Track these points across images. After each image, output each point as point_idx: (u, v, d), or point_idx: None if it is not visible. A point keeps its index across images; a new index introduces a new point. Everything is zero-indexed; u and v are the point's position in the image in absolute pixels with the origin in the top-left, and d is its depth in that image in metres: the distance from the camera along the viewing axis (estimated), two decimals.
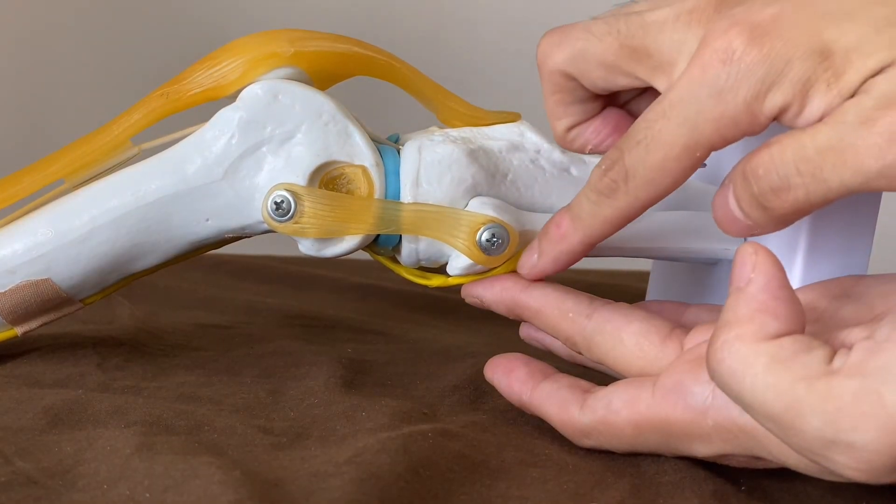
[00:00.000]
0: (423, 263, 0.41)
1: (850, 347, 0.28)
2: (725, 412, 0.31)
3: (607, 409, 0.34)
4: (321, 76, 0.40)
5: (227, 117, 0.39)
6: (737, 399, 0.29)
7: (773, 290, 0.29)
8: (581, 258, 0.37)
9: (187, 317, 0.56)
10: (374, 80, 0.41)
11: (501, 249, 0.38)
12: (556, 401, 0.35)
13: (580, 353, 0.37)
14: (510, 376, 0.37)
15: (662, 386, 0.33)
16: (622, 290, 0.65)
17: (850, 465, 0.27)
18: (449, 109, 0.41)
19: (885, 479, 0.27)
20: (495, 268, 0.39)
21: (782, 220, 0.32)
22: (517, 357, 0.38)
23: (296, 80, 0.39)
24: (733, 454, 0.32)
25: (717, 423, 0.31)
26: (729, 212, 0.33)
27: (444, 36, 0.94)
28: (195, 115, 0.40)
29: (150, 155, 0.40)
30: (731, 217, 0.33)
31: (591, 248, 0.37)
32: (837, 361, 0.28)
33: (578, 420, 0.34)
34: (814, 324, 0.33)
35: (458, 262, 0.39)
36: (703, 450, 0.32)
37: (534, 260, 0.38)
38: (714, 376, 0.29)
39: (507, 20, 0.94)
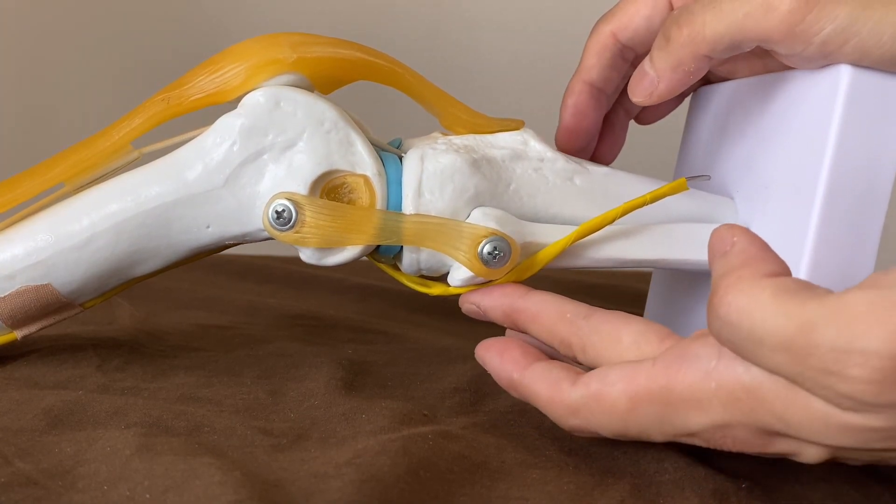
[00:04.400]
0: (425, 272, 0.40)
1: None
2: (730, 371, 0.30)
3: (602, 381, 0.33)
4: (324, 81, 0.40)
5: (228, 124, 0.38)
6: (747, 339, 0.28)
7: (758, 245, 0.31)
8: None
9: (187, 317, 0.56)
10: (376, 84, 0.40)
11: (503, 262, 0.38)
12: (547, 379, 0.34)
13: (576, 360, 0.36)
14: (503, 356, 0.36)
15: (664, 357, 0.32)
16: (622, 291, 0.65)
17: (863, 378, 0.26)
18: (452, 116, 0.41)
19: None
20: (496, 280, 0.39)
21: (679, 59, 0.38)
22: (513, 340, 0.37)
23: (298, 86, 0.39)
24: (730, 424, 0.31)
25: (720, 384, 0.30)
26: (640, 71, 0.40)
27: (447, 41, 0.94)
28: (196, 119, 0.40)
29: (151, 159, 0.40)
30: (640, 74, 0.40)
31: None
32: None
33: (568, 396, 0.33)
34: None
35: (460, 274, 0.39)
36: (700, 419, 0.31)
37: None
38: (721, 324, 0.29)
39: (510, 25, 0.94)
